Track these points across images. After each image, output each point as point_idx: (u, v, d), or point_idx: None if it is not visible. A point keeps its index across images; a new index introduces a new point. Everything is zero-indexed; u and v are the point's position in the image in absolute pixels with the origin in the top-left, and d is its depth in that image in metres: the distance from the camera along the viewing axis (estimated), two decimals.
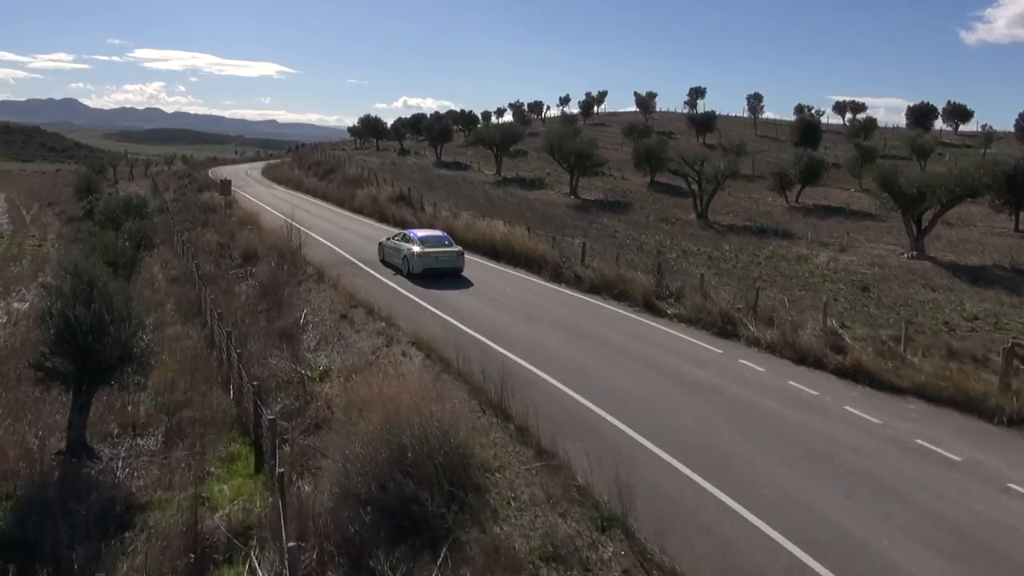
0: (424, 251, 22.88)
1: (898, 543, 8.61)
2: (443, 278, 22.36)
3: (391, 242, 25.03)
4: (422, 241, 23.42)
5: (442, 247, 23.48)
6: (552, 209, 40.57)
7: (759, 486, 9.86)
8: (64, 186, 61.39)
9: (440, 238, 24.22)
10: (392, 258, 24.50)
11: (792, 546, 8.42)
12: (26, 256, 29.62)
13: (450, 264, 23.03)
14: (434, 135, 62.40)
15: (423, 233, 24.52)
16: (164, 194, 47.89)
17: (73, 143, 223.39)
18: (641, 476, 9.80)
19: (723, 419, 12.27)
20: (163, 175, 67.96)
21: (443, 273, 22.64)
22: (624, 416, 12.01)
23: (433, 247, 23.24)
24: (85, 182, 40.44)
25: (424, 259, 22.75)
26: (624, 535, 8.51)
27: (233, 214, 35.99)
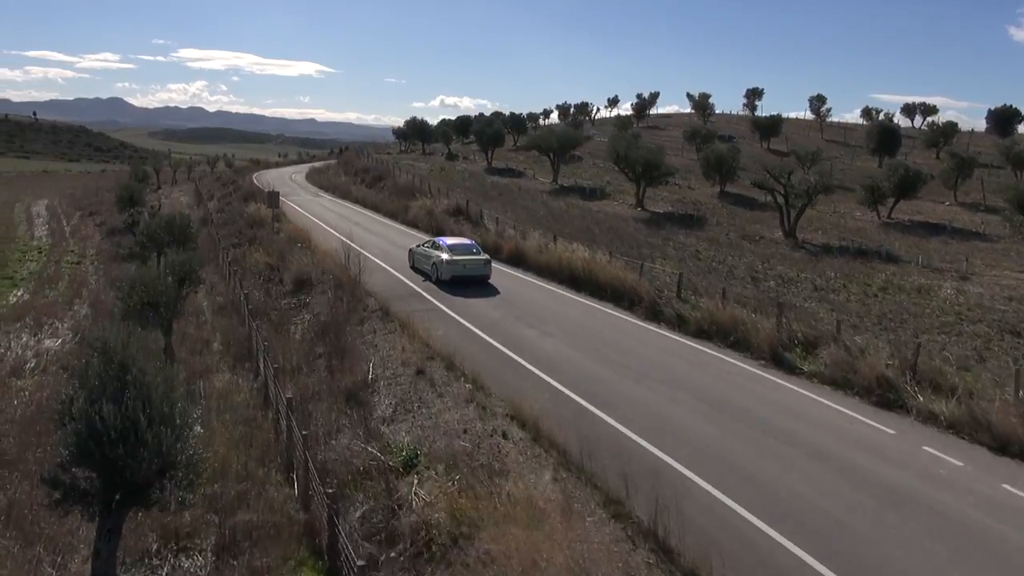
0: (453, 258, 23.32)
1: None
2: (469, 286, 22.72)
3: (421, 249, 25.39)
4: (451, 249, 23.87)
5: (470, 255, 23.82)
6: (620, 224, 37.49)
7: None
8: (107, 191, 59.95)
9: (468, 246, 24.58)
10: (422, 264, 24.84)
11: None
12: (63, 277, 27.46)
13: (478, 271, 23.43)
14: (485, 139, 59.60)
15: (452, 241, 24.94)
16: (208, 203, 45.80)
17: (118, 143, 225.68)
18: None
19: (952, 556, 9.17)
20: (206, 180, 66.22)
21: (471, 280, 23.08)
22: (823, 552, 8.98)
23: (461, 255, 23.63)
24: (127, 192, 38.45)
25: (453, 266, 23.16)
26: None
27: (281, 228, 33.59)
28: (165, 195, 58.46)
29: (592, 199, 45.32)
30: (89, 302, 23.17)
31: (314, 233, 31.83)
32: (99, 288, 25.20)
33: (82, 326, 20.32)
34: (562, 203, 43.46)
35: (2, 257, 31.27)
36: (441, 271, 23.36)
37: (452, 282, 22.86)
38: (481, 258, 23.93)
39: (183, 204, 51.00)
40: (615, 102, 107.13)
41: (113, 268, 28.14)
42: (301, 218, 37.70)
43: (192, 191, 60.97)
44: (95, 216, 42.67)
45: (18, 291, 25.25)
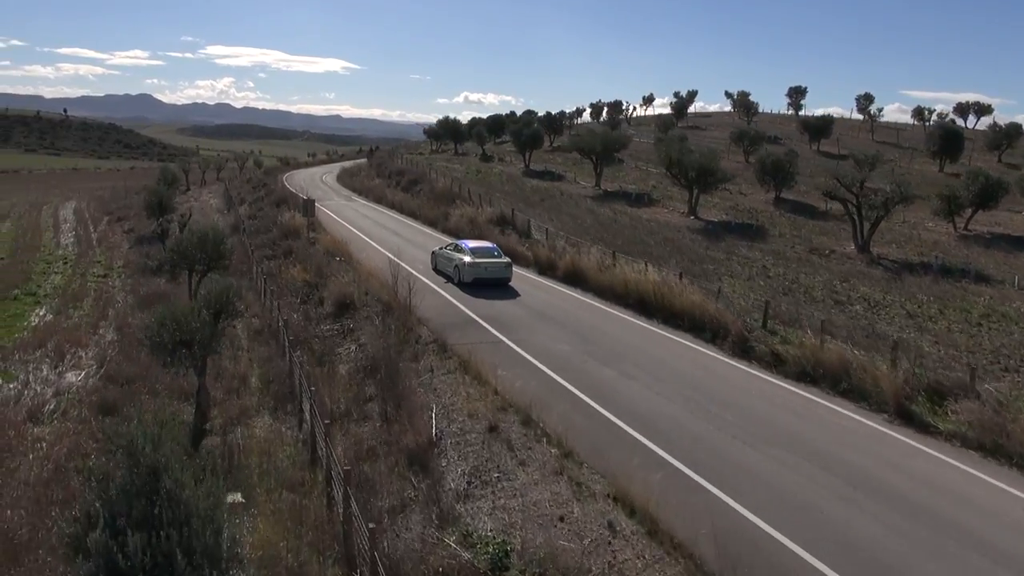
0: (475, 261, 23.72)
1: None
2: (490, 288, 23.22)
3: (443, 251, 25.75)
4: (473, 252, 24.25)
5: (491, 258, 24.19)
6: (674, 234, 35.14)
7: None
8: (135, 192, 58.62)
9: (490, 249, 24.95)
10: (444, 267, 25.28)
11: None
12: (88, 293, 25.71)
13: (499, 274, 23.91)
14: (523, 140, 57.34)
15: (474, 244, 25.33)
16: (238, 208, 44.10)
17: (147, 139, 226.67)
18: None
19: None
20: (236, 182, 64.72)
21: (492, 283, 23.51)
22: None
23: (483, 258, 24.01)
24: (156, 198, 36.80)
25: (474, 269, 23.56)
26: None
27: (317, 239, 31.69)
28: (194, 197, 57.05)
29: (639, 205, 42.96)
30: (115, 325, 21.35)
31: (352, 245, 29.86)
32: (126, 307, 23.41)
33: (107, 355, 18.47)
34: (608, 210, 41.15)
35: (26, 268, 29.65)
36: (463, 273, 23.72)
37: (474, 284, 23.30)
38: (502, 261, 24.26)
39: (212, 208, 49.46)
40: (650, 100, 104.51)
41: (141, 283, 26.39)
42: (337, 226, 35.78)
43: (221, 193, 59.51)
44: (123, 222, 41.11)
45: (40, 310, 23.52)
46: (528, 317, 20.39)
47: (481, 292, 22.83)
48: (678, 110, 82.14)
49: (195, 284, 22.57)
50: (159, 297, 23.90)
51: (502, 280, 23.96)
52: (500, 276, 23.90)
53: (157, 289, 24.98)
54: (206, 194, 61.37)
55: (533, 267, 27.60)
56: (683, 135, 53.13)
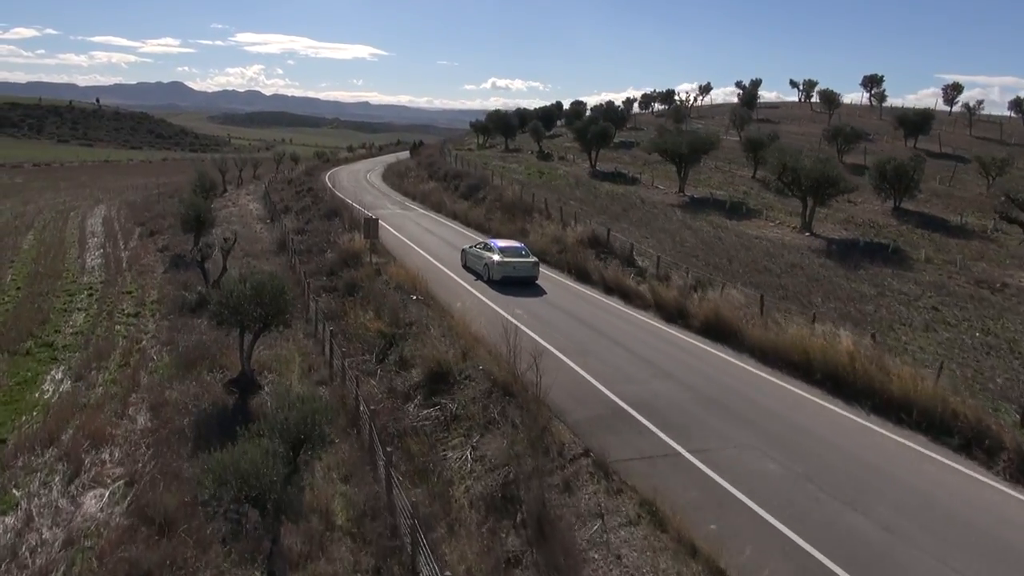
0: (504, 260, 24.75)
1: None
2: (521, 286, 24.30)
3: (473, 250, 26.90)
4: (502, 251, 25.30)
5: (519, 257, 25.20)
6: (796, 257, 29.79)
7: None
8: (168, 196, 54.31)
9: (518, 248, 25.92)
10: (474, 264, 26.34)
11: None
12: (116, 344, 21.06)
13: (527, 273, 24.95)
14: (589, 137, 51.92)
15: (503, 244, 26.36)
16: (282, 217, 39.41)
17: (179, 129, 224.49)
18: None
19: None
20: (275, 182, 60.20)
21: (520, 281, 24.56)
22: None
23: (512, 257, 25.03)
24: (192, 211, 32.20)
25: (503, 267, 24.63)
26: None
27: (383, 265, 26.86)
28: (232, 201, 52.61)
29: (738, 217, 37.56)
30: (149, 403, 16.62)
31: (429, 275, 24.93)
32: (162, 369, 18.70)
33: (139, 465, 13.72)
34: (706, 224, 35.82)
35: (45, 305, 25.14)
36: (492, 271, 24.81)
37: (502, 282, 24.35)
38: (530, 260, 25.33)
39: (253, 215, 44.91)
40: (707, 89, 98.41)
41: (179, 330, 21.68)
42: (401, 247, 30.84)
43: (261, 195, 55.05)
44: (156, 236, 36.59)
45: (57, 372, 18.90)
46: (693, 403, 15.27)
47: (611, 361, 17.78)
48: (747, 101, 75.87)
49: (248, 345, 17.79)
50: (202, 354, 19.19)
51: (529, 279, 24.96)
52: (528, 275, 24.98)
53: (199, 340, 20.25)
54: (244, 196, 56.92)
55: (654, 311, 22.44)
56: (773, 134, 47.37)
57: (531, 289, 24.57)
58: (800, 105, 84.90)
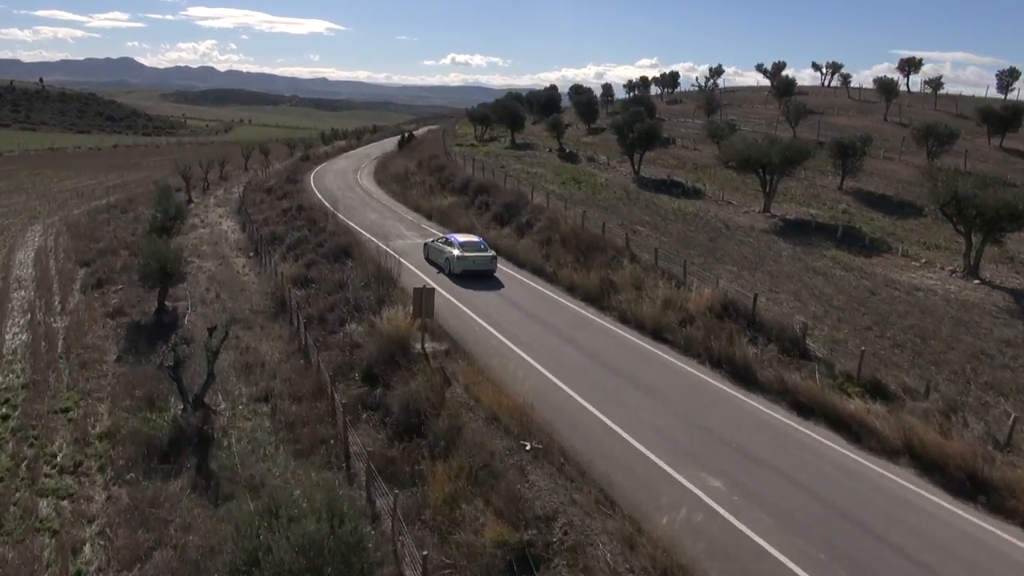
0: (463, 254, 26.08)
1: None
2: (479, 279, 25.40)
3: (435, 244, 27.89)
4: (462, 246, 26.44)
5: (478, 251, 26.47)
6: (1004, 327, 21.85)
7: None
8: (121, 212, 44.52)
9: (477, 243, 27.04)
10: (436, 258, 27.43)
11: None
12: (40, 556, 12.23)
13: (485, 266, 26.29)
14: (633, 138, 43.24)
15: (463, 239, 27.12)
16: (272, 256, 30.30)
17: (130, 111, 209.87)
18: None
19: None
20: (251, 189, 50.60)
21: (479, 274, 25.91)
22: None
23: (471, 251, 26.30)
24: (156, 263, 23.01)
25: (463, 261, 25.99)
26: None
27: (440, 357, 18.24)
28: (200, 216, 43.12)
29: (862, 250, 29.61)
30: None
31: (528, 382, 16.38)
32: None
33: None
34: (828, 262, 27.86)
35: None
36: (453, 265, 26.17)
37: (462, 275, 25.73)
38: (487, 255, 26.58)
39: (231, 243, 35.64)
40: (718, 73, 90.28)
41: (149, 526, 12.89)
42: (454, 314, 22.04)
43: (234, 207, 45.58)
44: (107, 288, 27.20)
45: None
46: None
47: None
48: (783, 88, 67.42)
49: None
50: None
51: (487, 272, 26.25)
52: (486, 268, 26.28)
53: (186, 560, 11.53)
54: (214, 208, 47.33)
55: (917, 467, 14.13)
56: (866, 135, 39.28)
57: (707, 433, 16.18)
58: (827, 90, 77.21)
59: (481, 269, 26.12)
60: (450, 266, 26.22)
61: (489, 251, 26.80)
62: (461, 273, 25.75)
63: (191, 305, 25.71)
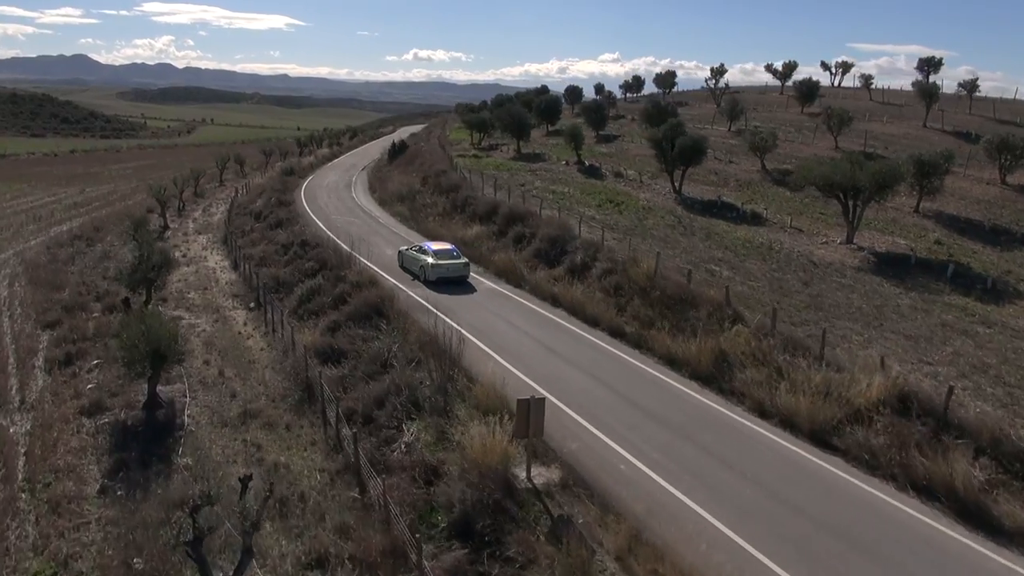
0: (437, 262, 26.78)
1: None
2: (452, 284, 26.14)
3: (409, 252, 28.68)
4: (435, 254, 27.21)
5: (452, 259, 27.26)
6: None
7: None
8: (88, 244, 38.53)
9: (450, 251, 27.82)
10: (411, 266, 28.19)
11: None
12: None
13: (458, 273, 27.05)
14: (675, 153, 38.34)
15: (436, 247, 28.02)
16: (282, 313, 24.90)
17: (87, 112, 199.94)
18: None
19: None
20: (236, 213, 44.76)
21: (453, 280, 26.55)
22: None
23: (444, 259, 27.05)
24: (147, 346, 17.48)
25: (437, 268, 26.67)
26: None
27: (557, 492, 13.18)
28: (181, 249, 37.34)
29: (981, 294, 25.08)
30: None
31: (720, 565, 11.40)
32: None
33: None
34: (959, 316, 23.20)
35: None
36: (427, 273, 26.81)
37: (437, 282, 26.32)
38: (460, 261, 27.41)
39: (222, 285, 30.13)
40: (720, 72, 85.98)
41: None
42: (562, 428, 16.86)
43: (219, 234, 39.87)
44: (80, 365, 21.53)
45: None
46: None
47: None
48: (806, 91, 62.97)
49: None
50: None
51: (461, 278, 26.96)
52: (459, 275, 27.04)
53: None
54: (195, 236, 41.52)
55: None
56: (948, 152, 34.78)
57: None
58: (846, 92, 73.19)
59: (455, 276, 26.91)
60: (425, 273, 27.01)
61: (462, 258, 27.69)
62: (436, 280, 26.50)
63: (189, 390, 20.26)
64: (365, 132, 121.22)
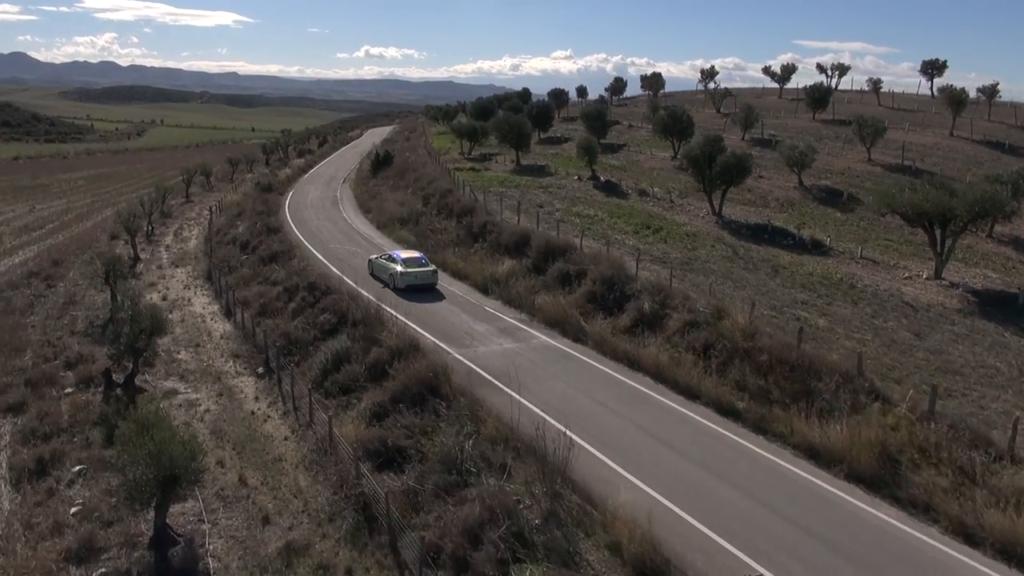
0: (406, 270, 27.24)
1: None
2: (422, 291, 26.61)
3: (379, 260, 29.03)
4: (404, 262, 27.67)
5: (420, 267, 27.66)
6: None
7: None
8: (48, 284, 33.25)
9: (419, 259, 28.26)
10: (380, 273, 28.47)
11: None
12: None
13: (427, 280, 27.42)
14: (715, 172, 34.59)
15: (405, 255, 28.55)
16: (294, 379, 20.37)
17: (30, 115, 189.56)
18: None
19: None
20: (217, 240, 39.66)
21: (422, 288, 26.97)
22: None
23: (413, 267, 27.46)
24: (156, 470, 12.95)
25: (406, 276, 27.10)
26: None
27: None
28: (160, 290, 32.29)
29: None
30: None
31: None
32: None
33: None
34: None
35: None
36: (397, 281, 27.20)
37: (406, 289, 26.69)
38: (429, 269, 27.80)
39: (218, 343, 25.42)
40: (711, 74, 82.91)
41: None
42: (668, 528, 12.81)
43: (204, 273, 34.94)
44: (56, 474, 16.70)
45: None
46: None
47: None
48: (818, 97, 59.73)
49: None
50: None
51: (429, 285, 27.32)
52: (428, 282, 27.40)
53: None
54: (170, 269, 36.39)
55: None
56: None
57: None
58: (851, 95, 70.41)
59: (423, 283, 27.33)
60: (394, 281, 27.37)
61: (430, 266, 28.17)
62: (405, 288, 26.89)
63: (206, 510, 15.64)
64: (334, 136, 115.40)
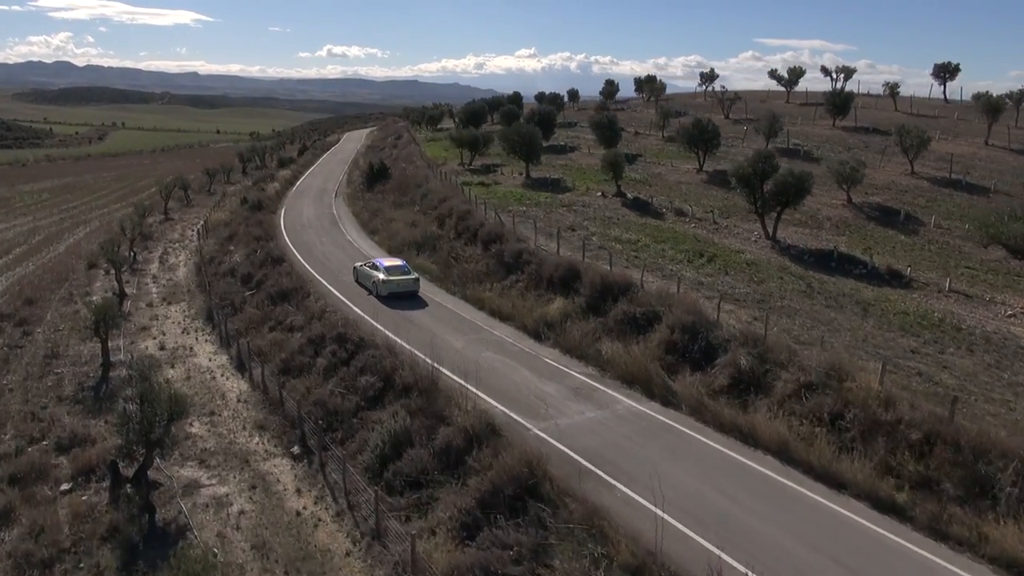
0: (388, 278, 27.73)
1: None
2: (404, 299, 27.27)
3: (363, 268, 29.60)
4: (387, 270, 28.18)
5: (403, 275, 28.16)
6: None
7: None
8: (24, 331, 28.96)
9: (401, 267, 28.79)
10: (364, 281, 29.09)
11: None
12: None
13: (409, 288, 27.87)
14: (773, 193, 31.39)
15: (388, 263, 28.96)
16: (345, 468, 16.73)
17: None
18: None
19: None
20: (212, 272, 35.49)
21: (404, 295, 27.48)
22: None
23: (396, 275, 27.99)
24: None
25: (388, 284, 27.59)
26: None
27: None
28: (155, 336, 28.21)
29: None
30: None
31: None
32: None
33: None
34: None
35: None
36: (379, 288, 27.70)
37: (389, 296, 27.31)
38: (411, 277, 28.27)
39: (235, 408, 21.61)
40: (711, 77, 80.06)
41: None
42: None
43: (203, 312, 30.95)
44: None
45: None
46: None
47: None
48: (839, 103, 57.06)
49: None
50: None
51: (411, 293, 27.75)
52: (410, 290, 27.85)
53: None
54: (163, 307, 32.22)
55: None
56: None
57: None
58: (867, 99, 68.17)
59: (406, 291, 27.70)
60: (377, 289, 27.83)
61: (412, 274, 28.53)
62: (388, 295, 27.34)
63: None
64: (311, 141, 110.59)
